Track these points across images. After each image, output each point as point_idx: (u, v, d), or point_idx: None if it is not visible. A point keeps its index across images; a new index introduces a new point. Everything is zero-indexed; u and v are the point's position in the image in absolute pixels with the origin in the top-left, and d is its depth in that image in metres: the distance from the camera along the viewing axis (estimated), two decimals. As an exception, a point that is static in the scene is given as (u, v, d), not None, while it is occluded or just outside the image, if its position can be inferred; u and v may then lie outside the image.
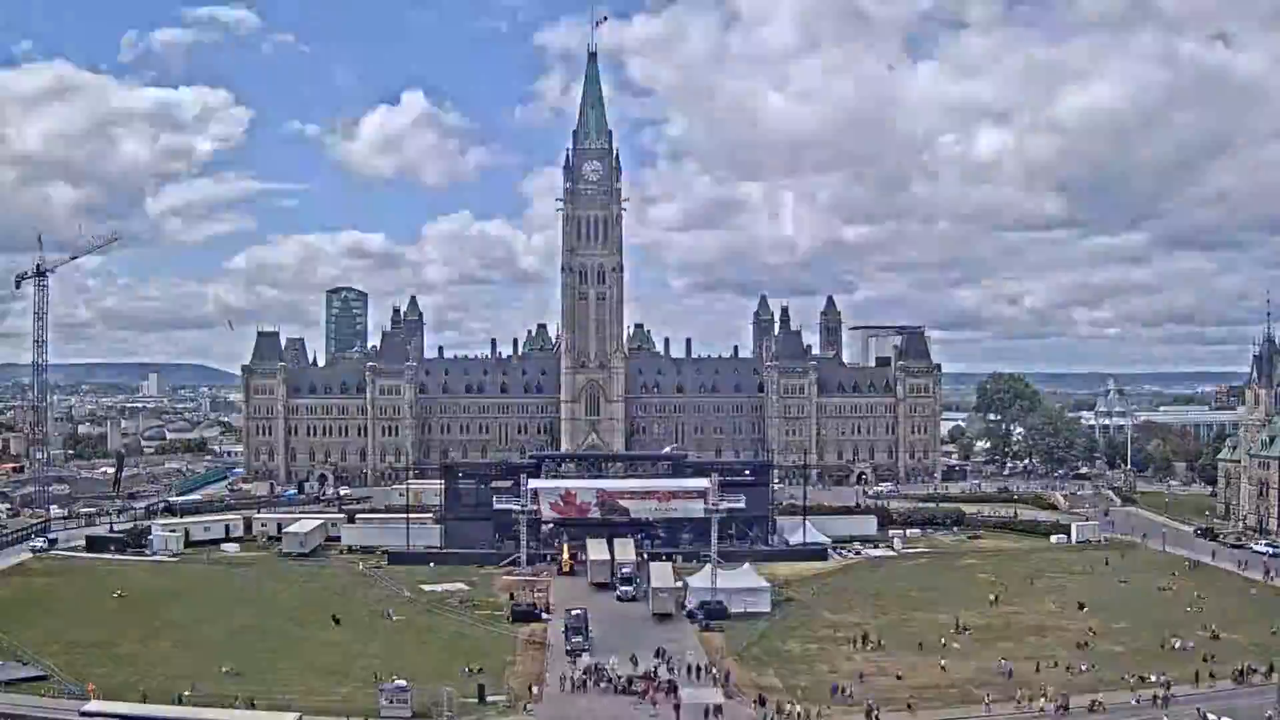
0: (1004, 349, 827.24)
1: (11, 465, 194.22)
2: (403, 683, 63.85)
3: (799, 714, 62.13)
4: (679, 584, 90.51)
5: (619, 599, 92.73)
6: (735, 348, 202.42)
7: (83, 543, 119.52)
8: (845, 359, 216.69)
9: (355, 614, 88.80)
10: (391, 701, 62.16)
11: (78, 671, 69.31)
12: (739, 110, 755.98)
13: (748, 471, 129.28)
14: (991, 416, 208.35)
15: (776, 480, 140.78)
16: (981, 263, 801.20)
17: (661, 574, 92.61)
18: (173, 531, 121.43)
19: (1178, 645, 76.44)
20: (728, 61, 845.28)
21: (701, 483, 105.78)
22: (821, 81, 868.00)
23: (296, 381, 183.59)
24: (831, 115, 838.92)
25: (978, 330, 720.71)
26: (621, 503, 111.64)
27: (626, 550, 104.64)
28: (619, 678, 67.99)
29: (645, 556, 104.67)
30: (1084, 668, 71.40)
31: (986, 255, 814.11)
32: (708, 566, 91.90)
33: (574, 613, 79.93)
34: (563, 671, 69.76)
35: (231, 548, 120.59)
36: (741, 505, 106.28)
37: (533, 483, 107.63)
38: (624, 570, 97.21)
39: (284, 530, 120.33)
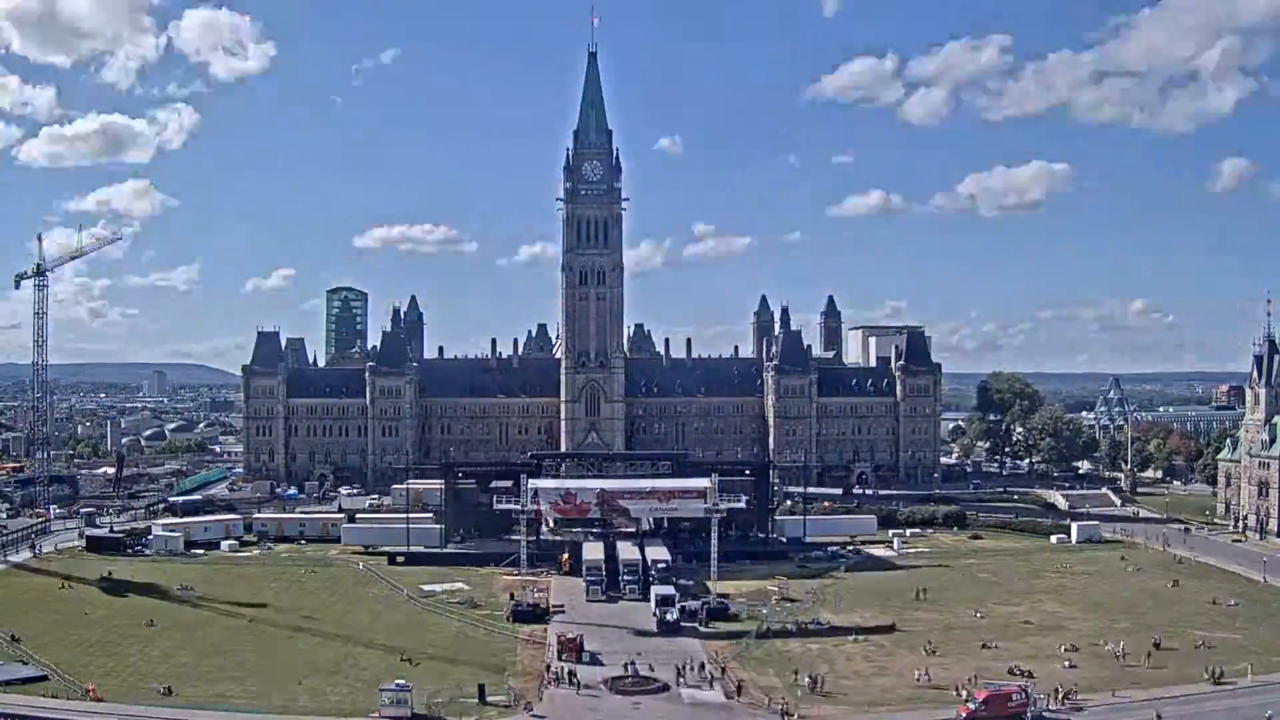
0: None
1: (11, 465, 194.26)
2: (403, 682, 63.85)
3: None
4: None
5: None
6: (735, 348, 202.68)
7: (82, 543, 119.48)
8: (845, 359, 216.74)
9: (356, 613, 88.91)
10: (391, 702, 62.11)
11: (78, 671, 69.28)
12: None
13: (748, 471, 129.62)
14: (991, 416, 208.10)
15: (776, 480, 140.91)
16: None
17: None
18: (173, 532, 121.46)
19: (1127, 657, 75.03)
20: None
21: (702, 482, 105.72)
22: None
23: (296, 381, 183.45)
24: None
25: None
26: (621, 502, 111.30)
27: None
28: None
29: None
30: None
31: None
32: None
33: None
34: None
35: (230, 545, 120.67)
36: (741, 505, 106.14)
37: (532, 482, 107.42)
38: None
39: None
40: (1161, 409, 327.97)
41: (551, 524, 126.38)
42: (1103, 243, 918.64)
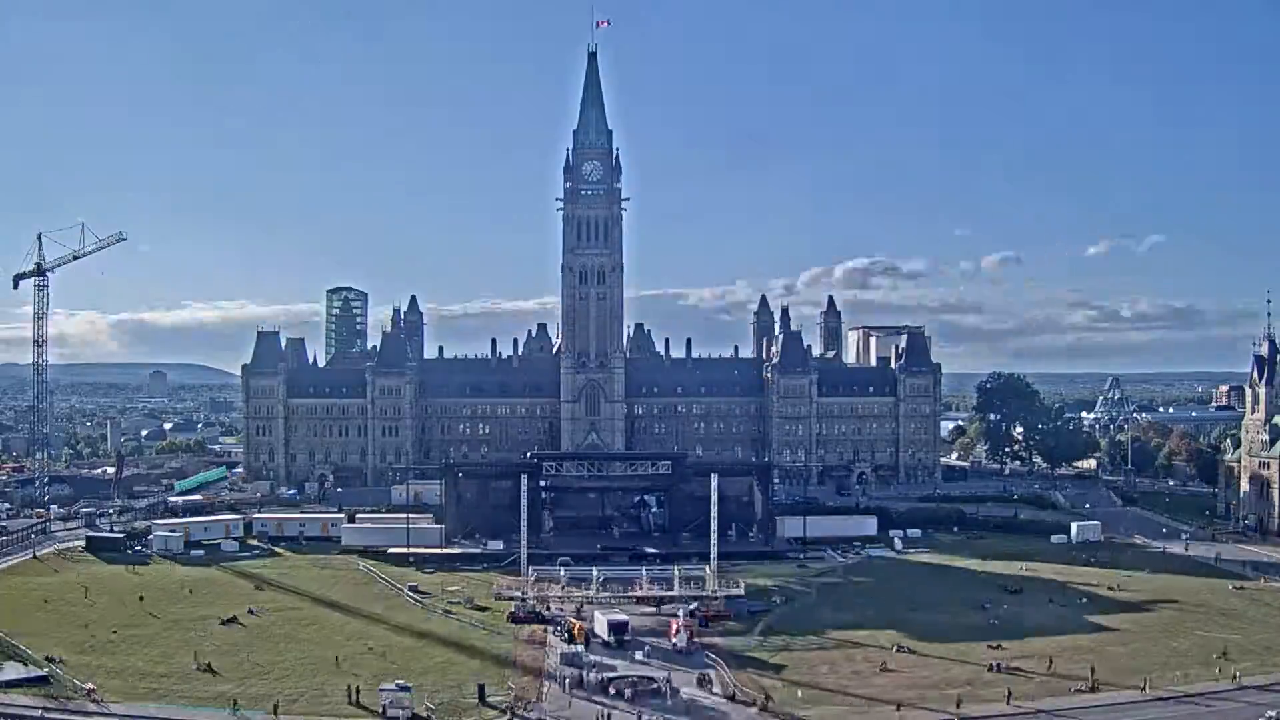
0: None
1: (11, 465, 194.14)
2: (403, 682, 63.84)
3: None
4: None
5: None
6: (735, 348, 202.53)
7: (83, 543, 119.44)
8: (845, 359, 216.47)
9: (355, 614, 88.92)
10: (392, 702, 62.10)
11: (78, 671, 69.25)
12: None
13: (748, 472, 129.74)
14: (991, 416, 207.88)
15: (777, 480, 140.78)
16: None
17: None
18: (173, 532, 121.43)
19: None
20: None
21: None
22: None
23: (296, 381, 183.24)
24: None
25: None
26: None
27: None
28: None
29: None
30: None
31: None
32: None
33: None
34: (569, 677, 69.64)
35: (231, 547, 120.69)
36: (740, 592, 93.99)
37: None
38: None
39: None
40: (1161, 409, 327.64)
41: (553, 525, 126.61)
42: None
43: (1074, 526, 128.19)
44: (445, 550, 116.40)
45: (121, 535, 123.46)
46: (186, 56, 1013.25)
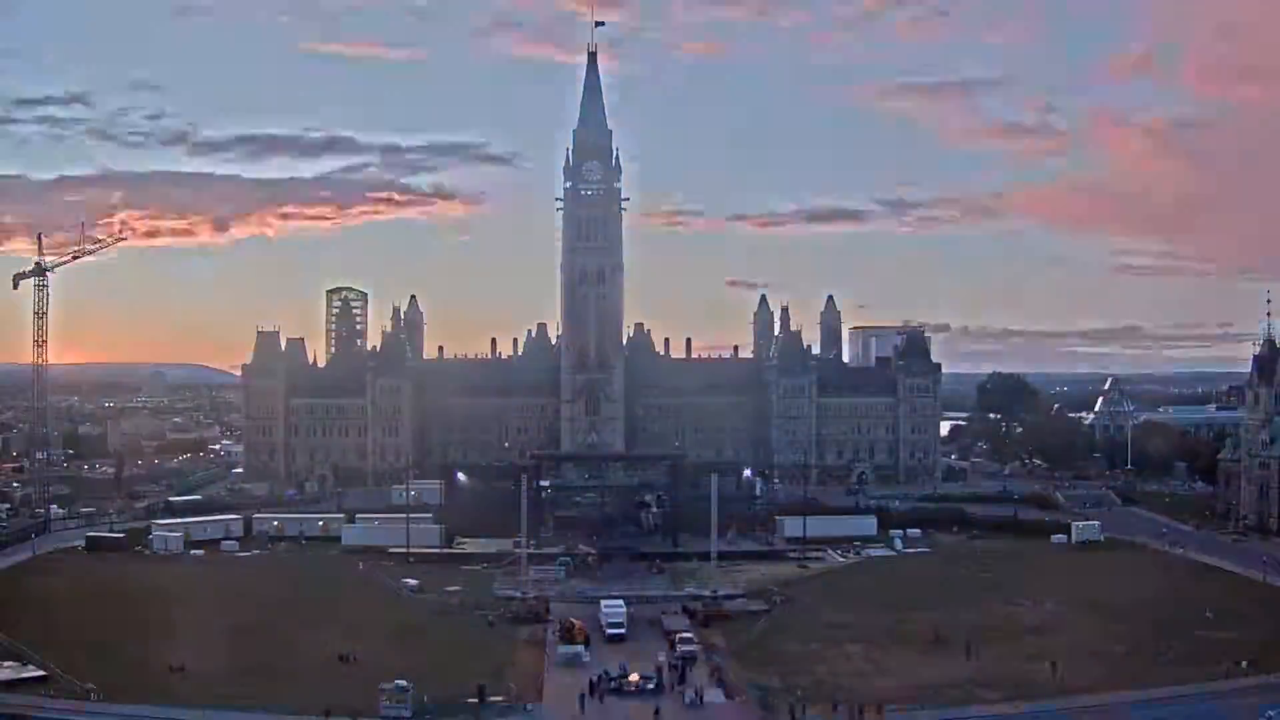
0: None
1: (11, 465, 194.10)
2: (403, 683, 63.86)
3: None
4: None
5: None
6: (735, 348, 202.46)
7: (83, 543, 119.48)
8: (845, 359, 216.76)
9: (356, 613, 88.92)
10: (391, 702, 62.14)
11: (78, 671, 69.26)
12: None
13: (748, 471, 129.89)
14: (991, 416, 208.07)
15: (777, 480, 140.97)
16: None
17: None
18: (173, 531, 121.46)
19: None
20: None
21: None
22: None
23: (296, 381, 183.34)
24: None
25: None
26: None
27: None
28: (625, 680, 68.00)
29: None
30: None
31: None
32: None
33: None
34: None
35: (231, 547, 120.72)
36: (740, 592, 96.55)
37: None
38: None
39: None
40: (1161, 409, 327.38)
41: (553, 525, 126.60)
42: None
43: (1074, 526, 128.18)
44: (445, 550, 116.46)
45: (122, 535, 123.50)
46: None
